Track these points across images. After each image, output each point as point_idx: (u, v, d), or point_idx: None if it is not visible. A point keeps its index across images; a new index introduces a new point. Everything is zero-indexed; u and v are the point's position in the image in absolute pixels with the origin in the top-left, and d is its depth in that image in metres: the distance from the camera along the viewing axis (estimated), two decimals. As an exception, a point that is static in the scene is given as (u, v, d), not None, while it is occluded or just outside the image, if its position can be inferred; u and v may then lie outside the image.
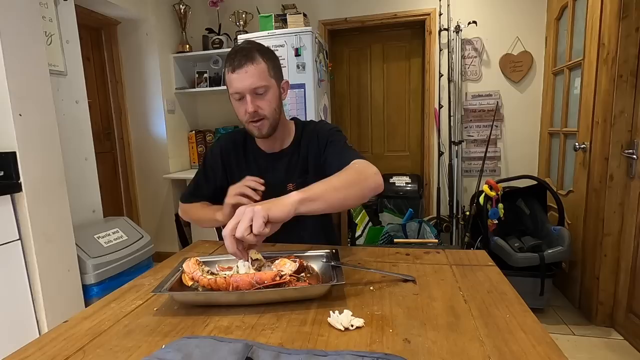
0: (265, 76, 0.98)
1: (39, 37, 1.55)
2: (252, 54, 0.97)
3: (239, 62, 0.96)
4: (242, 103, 1.00)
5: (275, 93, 1.02)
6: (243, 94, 0.98)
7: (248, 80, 0.96)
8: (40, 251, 1.50)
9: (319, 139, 1.10)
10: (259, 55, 0.98)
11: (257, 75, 0.96)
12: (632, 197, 1.78)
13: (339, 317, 0.60)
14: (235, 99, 1.00)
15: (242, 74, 0.96)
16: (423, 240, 2.32)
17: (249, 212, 0.69)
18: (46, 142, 1.56)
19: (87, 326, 0.63)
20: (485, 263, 0.86)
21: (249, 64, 0.96)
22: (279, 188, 1.11)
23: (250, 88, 0.97)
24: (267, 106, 1.01)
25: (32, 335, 1.42)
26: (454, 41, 2.73)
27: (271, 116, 1.02)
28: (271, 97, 1.01)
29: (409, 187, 2.85)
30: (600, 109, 1.86)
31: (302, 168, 1.12)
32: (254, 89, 0.97)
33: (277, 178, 1.11)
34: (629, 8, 1.73)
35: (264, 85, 0.98)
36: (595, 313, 1.94)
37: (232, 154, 1.16)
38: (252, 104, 0.98)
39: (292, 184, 1.11)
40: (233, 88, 0.98)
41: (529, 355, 0.51)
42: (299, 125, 1.17)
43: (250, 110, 0.98)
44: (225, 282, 0.68)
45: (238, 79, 0.96)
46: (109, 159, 2.86)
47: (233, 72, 0.96)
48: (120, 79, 2.87)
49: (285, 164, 1.12)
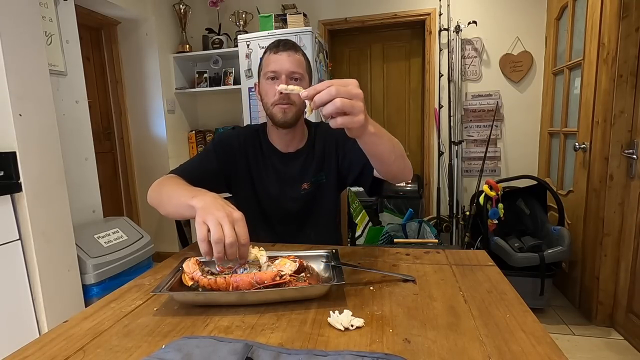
0: (303, 66, 1.04)
1: (39, 37, 1.55)
2: (296, 46, 1.05)
3: (284, 46, 1.02)
4: (274, 84, 1.01)
5: (306, 86, 1.02)
6: (279, 75, 1.01)
7: (288, 64, 1.01)
8: (40, 251, 1.50)
9: (335, 137, 1.11)
10: (300, 51, 1.06)
11: (296, 62, 1.02)
12: (632, 197, 1.78)
13: (339, 317, 0.60)
14: (269, 77, 1.03)
15: (284, 56, 1.01)
16: (423, 240, 2.32)
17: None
18: (46, 142, 1.56)
19: (87, 326, 0.63)
20: (485, 263, 0.86)
21: (291, 51, 1.02)
22: (292, 188, 1.12)
23: (289, 70, 1.01)
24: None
25: (32, 335, 1.42)
26: (454, 41, 2.73)
27: (298, 104, 1.04)
28: (304, 87, 0.99)
29: (409, 187, 2.85)
30: (600, 109, 1.86)
31: (316, 168, 1.13)
32: (291, 72, 1.01)
33: (291, 178, 1.12)
34: (629, 8, 1.73)
35: (300, 74, 1.03)
36: (595, 313, 1.94)
37: (249, 147, 1.12)
38: (287, 83, 0.99)
39: (307, 183, 1.12)
40: (270, 67, 1.02)
41: (529, 355, 0.51)
42: (311, 127, 1.17)
43: (284, 85, 0.93)
44: (225, 282, 0.68)
45: (279, 60, 1.01)
46: (109, 159, 2.86)
47: (276, 53, 1.02)
48: (120, 79, 2.87)
49: (300, 164, 1.12)
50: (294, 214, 1.14)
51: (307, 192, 1.12)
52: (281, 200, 1.12)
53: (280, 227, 1.14)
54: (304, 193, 1.12)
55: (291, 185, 1.12)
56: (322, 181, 1.13)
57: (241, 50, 2.48)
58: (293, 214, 1.14)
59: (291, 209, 1.13)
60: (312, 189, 1.13)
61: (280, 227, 1.14)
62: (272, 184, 1.12)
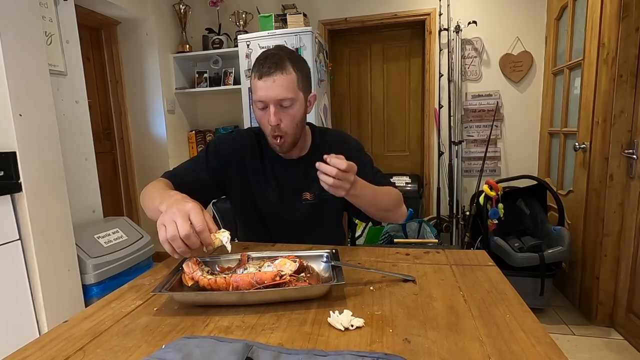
0: (293, 88, 0.93)
1: (39, 37, 1.55)
2: (283, 62, 0.92)
3: (268, 69, 0.91)
4: (265, 113, 0.95)
5: (300, 107, 0.97)
6: (267, 104, 0.93)
7: (275, 91, 0.91)
8: (40, 251, 1.50)
9: (353, 155, 0.95)
10: (290, 65, 0.92)
11: (285, 86, 0.91)
12: (632, 197, 1.78)
13: (339, 317, 0.60)
14: (259, 107, 0.95)
15: (269, 82, 0.91)
16: (423, 240, 2.32)
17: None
18: (46, 142, 1.56)
19: (87, 326, 0.63)
20: (485, 263, 0.86)
21: (278, 73, 0.91)
22: (294, 195, 1.08)
23: (276, 99, 0.92)
24: (290, 122, 0.95)
25: (32, 335, 1.43)
26: (454, 41, 2.73)
27: (292, 132, 0.98)
28: (296, 111, 0.96)
29: (409, 187, 2.85)
30: (600, 109, 1.86)
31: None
32: (279, 100, 0.92)
33: (292, 185, 1.08)
34: (629, 8, 1.73)
35: (291, 98, 0.93)
36: (595, 313, 1.94)
37: (247, 152, 1.08)
38: (275, 116, 0.92)
39: (310, 193, 1.08)
40: (257, 96, 0.93)
41: (529, 355, 0.51)
42: (315, 131, 1.12)
43: (273, 124, 0.93)
44: (225, 282, 0.68)
45: (265, 87, 0.91)
46: (109, 159, 2.86)
47: (260, 79, 0.92)
48: (120, 79, 2.87)
49: (302, 171, 1.07)
50: (294, 225, 1.10)
51: (309, 204, 1.08)
52: (281, 207, 1.09)
53: (280, 235, 1.09)
54: (306, 204, 1.08)
55: (292, 193, 1.08)
56: (327, 197, 1.03)
57: (241, 50, 2.49)
58: (294, 224, 1.10)
59: (292, 218, 1.09)
60: (316, 202, 1.08)
61: (280, 235, 1.09)
62: (271, 190, 1.08)
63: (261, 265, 0.75)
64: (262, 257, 0.81)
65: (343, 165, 0.79)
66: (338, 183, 0.80)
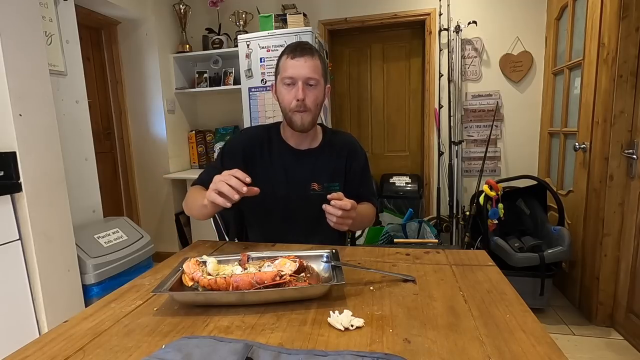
0: (319, 71, 1.06)
1: (39, 37, 1.55)
2: (312, 50, 1.07)
3: (301, 51, 1.04)
4: (291, 89, 1.06)
5: (321, 91, 1.10)
6: (296, 80, 1.04)
7: (305, 70, 1.04)
8: (40, 251, 1.50)
9: (351, 156, 1.19)
10: (317, 54, 1.07)
11: (313, 67, 1.05)
12: (632, 197, 1.78)
13: (339, 317, 0.60)
14: (286, 83, 1.06)
15: (301, 61, 1.04)
16: (423, 240, 2.32)
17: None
18: (46, 142, 1.56)
19: (87, 326, 0.63)
20: (485, 263, 0.86)
21: (308, 56, 1.04)
22: (303, 185, 1.14)
23: (306, 77, 1.04)
24: (313, 100, 1.07)
25: (32, 335, 1.42)
26: (454, 41, 2.73)
27: (314, 110, 1.09)
28: (318, 92, 1.08)
29: (409, 187, 2.85)
30: (600, 109, 1.86)
31: (330, 171, 1.15)
32: (308, 78, 1.04)
33: (302, 175, 1.14)
34: (629, 8, 1.73)
35: (316, 79, 1.05)
36: (595, 313, 1.94)
37: (256, 148, 1.15)
38: (303, 91, 1.04)
39: (318, 184, 1.13)
40: (288, 72, 1.05)
41: (529, 355, 0.51)
42: (326, 131, 1.22)
43: (301, 97, 1.04)
44: (225, 282, 0.68)
45: (296, 65, 1.04)
46: (109, 159, 2.86)
47: (293, 59, 1.04)
48: (120, 79, 2.87)
49: (312, 162, 1.15)
50: (303, 215, 1.13)
51: (318, 194, 1.12)
52: (289, 197, 1.13)
53: (288, 227, 1.14)
54: (314, 194, 1.13)
55: (300, 184, 1.13)
56: (335, 188, 1.13)
57: (241, 50, 2.48)
58: (302, 215, 1.13)
59: (300, 208, 1.13)
60: (324, 193, 1.09)
61: (288, 227, 1.14)
62: (279, 181, 1.13)
63: (261, 265, 0.75)
64: (262, 257, 0.81)
65: (348, 206, 0.92)
66: (341, 221, 0.94)
